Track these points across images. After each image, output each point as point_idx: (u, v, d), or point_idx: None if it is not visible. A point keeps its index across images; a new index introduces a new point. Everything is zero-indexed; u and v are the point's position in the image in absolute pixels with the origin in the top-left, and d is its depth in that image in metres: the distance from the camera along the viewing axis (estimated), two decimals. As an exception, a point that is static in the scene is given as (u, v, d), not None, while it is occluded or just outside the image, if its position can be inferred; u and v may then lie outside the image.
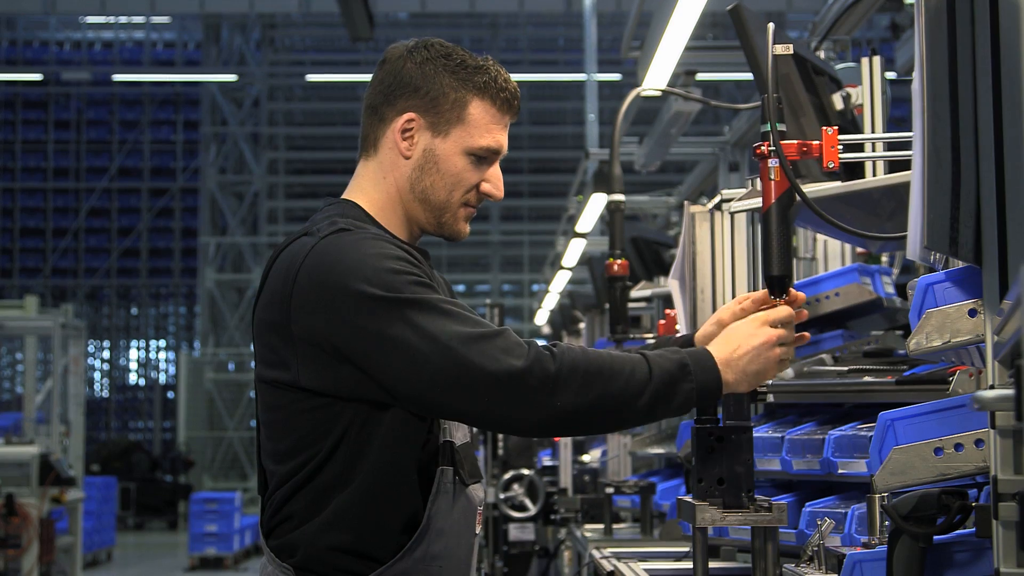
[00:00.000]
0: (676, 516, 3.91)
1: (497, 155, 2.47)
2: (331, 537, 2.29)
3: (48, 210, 28.58)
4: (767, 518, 2.40)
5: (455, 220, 2.47)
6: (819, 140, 2.72)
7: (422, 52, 2.45)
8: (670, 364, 2.24)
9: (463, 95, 2.43)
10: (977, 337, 1.91)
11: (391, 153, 2.46)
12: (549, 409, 2.19)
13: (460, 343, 2.19)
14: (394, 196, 2.46)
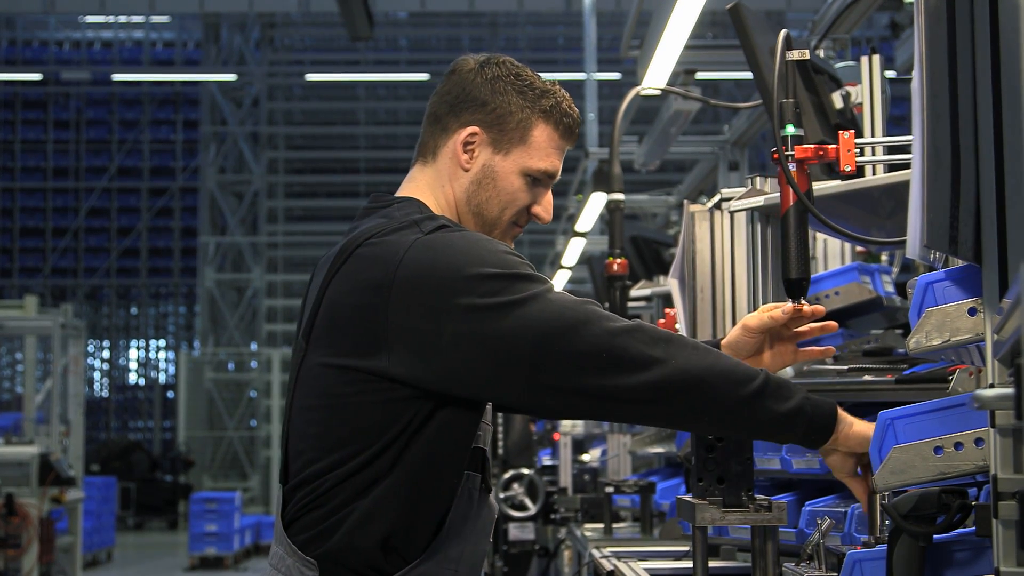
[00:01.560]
0: (676, 515, 3.91)
1: (552, 179, 2.51)
2: (366, 531, 2.27)
3: (48, 210, 28.58)
4: (767, 517, 2.40)
5: (503, 238, 2.50)
6: (821, 139, 2.72)
7: (493, 68, 2.49)
8: (785, 384, 2.27)
9: (528, 116, 2.47)
10: (977, 336, 1.91)
11: (450, 163, 2.48)
12: (664, 368, 2.21)
13: (608, 336, 2.23)
14: (450, 205, 2.49)
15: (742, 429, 2.30)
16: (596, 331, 2.21)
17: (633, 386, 2.20)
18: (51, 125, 28.78)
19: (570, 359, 2.21)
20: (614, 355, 2.21)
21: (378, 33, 22.20)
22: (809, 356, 2.58)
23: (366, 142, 27.22)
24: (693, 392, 2.23)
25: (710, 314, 3.87)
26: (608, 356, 2.21)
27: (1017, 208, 1.67)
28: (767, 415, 2.24)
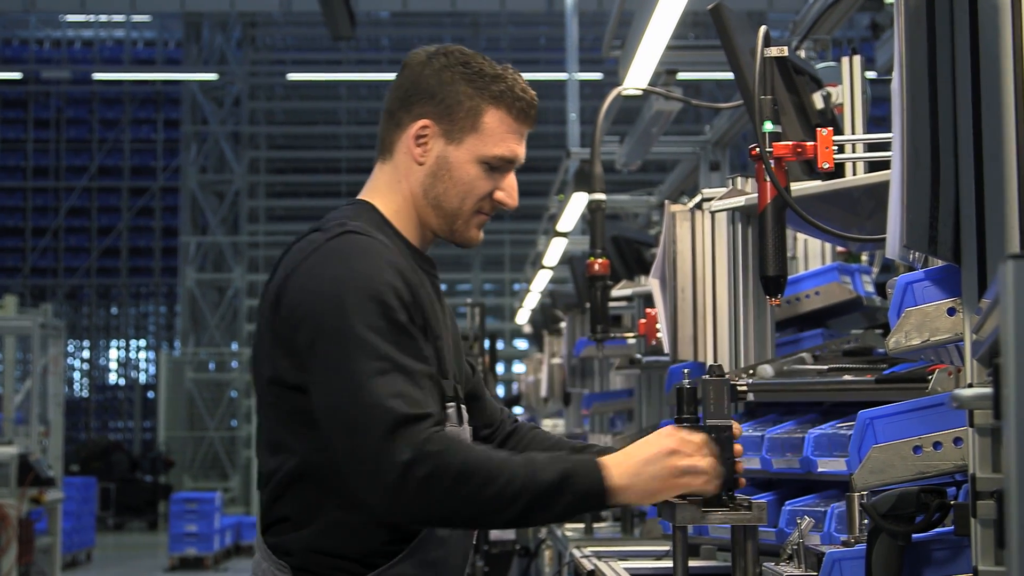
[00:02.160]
0: (656, 515, 3.91)
1: (512, 164, 2.49)
2: (331, 535, 2.29)
3: (28, 209, 28.47)
4: (747, 517, 2.40)
5: (467, 227, 2.49)
6: (802, 139, 2.73)
7: (441, 59, 2.46)
8: (552, 475, 2.22)
9: (478, 103, 2.44)
10: (956, 336, 1.92)
11: (406, 158, 2.47)
12: (408, 509, 2.18)
13: (367, 408, 2.19)
14: (408, 201, 2.48)
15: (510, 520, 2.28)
16: (363, 442, 2.20)
17: (379, 512, 2.23)
18: (31, 124, 28.67)
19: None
20: (360, 477, 2.21)
21: (360, 33, 22.17)
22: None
23: (348, 142, 27.18)
24: (441, 525, 2.29)
25: (691, 314, 3.88)
26: (354, 476, 2.22)
27: (996, 209, 1.68)
28: (539, 523, 2.33)
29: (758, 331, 3.39)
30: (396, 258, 2.33)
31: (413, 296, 2.31)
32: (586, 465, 2.26)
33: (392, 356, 2.21)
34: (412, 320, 2.28)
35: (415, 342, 2.27)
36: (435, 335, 2.37)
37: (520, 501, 2.19)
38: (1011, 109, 1.65)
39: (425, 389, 2.24)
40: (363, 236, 2.34)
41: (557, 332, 8.80)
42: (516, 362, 25.16)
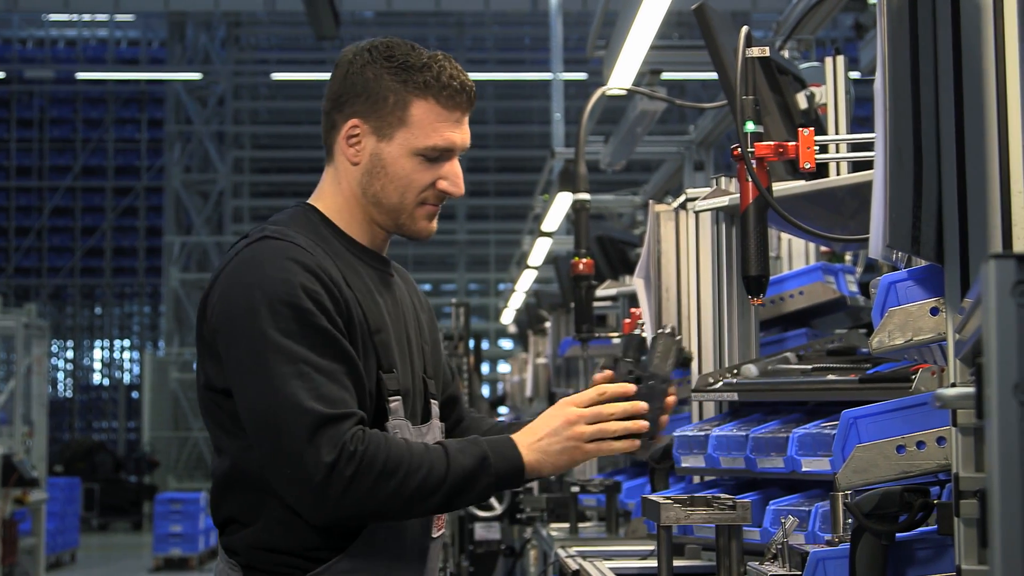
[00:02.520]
0: (641, 515, 3.91)
1: (451, 152, 2.45)
2: (270, 536, 2.31)
3: (11, 209, 28.37)
4: (731, 516, 2.40)
5: (413, 221, 2.47)
6: (785, 139, 2.73)
7: (365, 55, 2.44)
8: (470, 460, 2.28)
9: (404, 96, 2.41)
10: (939, 335, 1.92)
11: (342, 159, 2.47)
12: (335, 509, 2.22)
13: (290, 410, 2.21)
14: (351, 200, 2.47)
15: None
16: (286, 446, 2.22)
17: (307, 515, 2.26)
18: (14, 124, 28.57)
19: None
20: (287, 479, 2.24)
21: (344, 32, 22.11)
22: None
23: (332, 141, 27.14)
24: (370, 520, 2.32)
25: (675, 313, 3.88)
26: (282, 478, 2.25)
27: (978, 209, 1.69)
28: (460, 507, 2.36)
29: (742, 331, 3.39)
30: (313, 260, 2.33)
31: (334, 296, 2.31)
32: (501, 446, 2.31)
33: (308, 358, 2.24)
34: (331, 320, 2.29)
35: (334, 342, 2.28)
36: (373, 329, 2.37)
37: (443, 489, 2.25)
38: (993, 109, 1.65)
39: (346, 388, 2.26)
40: (279, 241, 2.34)
41: (542, 332, 8.80)
42: (501, 362, 25.17)
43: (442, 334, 7.09)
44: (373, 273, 2.47)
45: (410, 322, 2.55)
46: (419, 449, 2.27)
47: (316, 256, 2.34)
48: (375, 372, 2.37)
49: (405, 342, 2.49)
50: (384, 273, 2.52)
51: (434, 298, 27.60)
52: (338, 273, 2.36)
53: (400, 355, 2.45)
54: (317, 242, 2.40)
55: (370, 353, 2.36)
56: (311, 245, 2.37)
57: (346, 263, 2.42)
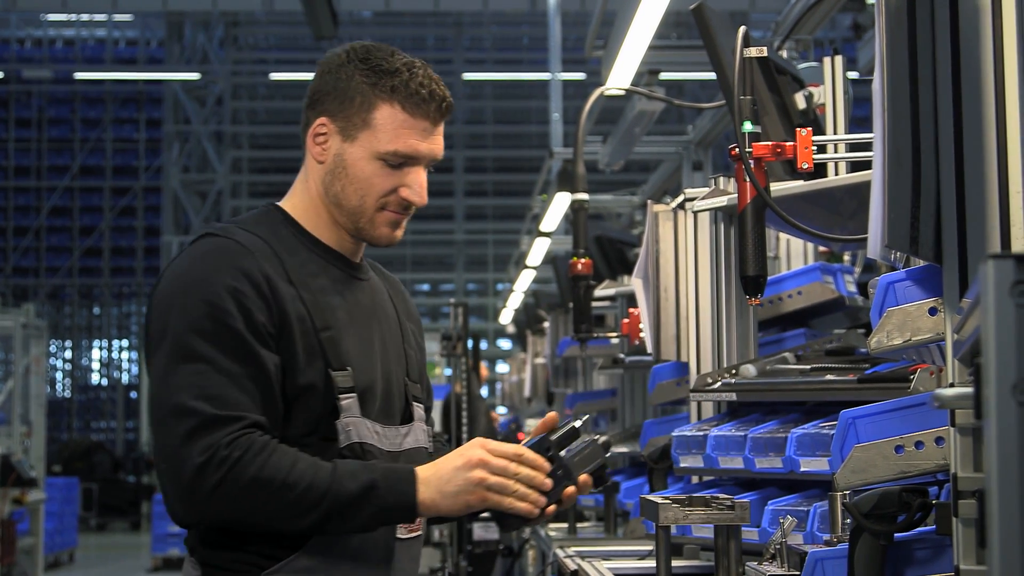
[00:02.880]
0: (640, 515, 3.91)
1: (415, 161, 2.42)
2: (224, 534, 2.30)
3: (9, 209, 28.35)
4: (730, 516, 2.40)
5: (372, 226, 2.45)
6: (784, 139, 2.73)
7: (341, 56, 2.44)
8: (356, 486, 2.23)
9: (370, 98, 2.40)
10: (937, 335, 1.92)
11: (311, 157, 2.47)
12: (202, 511, 2.22)
13: (174, 409, 2.22)
14: (316, 200, 2.47)
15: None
16: (165, 443, 2.24)
17: (178, 518, 2.27)
18: (12, 123, 28.55)
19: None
20: (167, 478, 2.25)
21: (342, 32, 22.12)
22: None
23: (330, 141, 27.13)
24: (239, 528, 2.28)
25: (674, 314, 3.89)
26: (164, 475, 2.25)
27: (976, 209, 1.69)
28: (340, 532, 2.29)
29: (741, 331, 3.39)
30: (248, 258, 2.32)
31: (263, 295, 2.30)
32: (397, 477, 2.27)
33: (213, 357, 2.24)
34: (250, 322, 2.27)
35: (243, 344, 2.26)
36: (319, 327, 2.34)
37: (319, 509, 2.21)
38: (991, 109, 1.65)
39: (245, 392, 2.24)
40: (220, 238, 2.36)
41: (540, 332, 8.80)
42: (500, 362, 25.17)
43: (440, 334, 7.09)
44: (337, 274, 2.46)
45: (385, 324, 2.53)
46: (304, 466, 2.23)
47: (254, 255, 2.34)
48: (323, 369, 2.34)
49: (372, 342, 2.46)
50: (351, 275, 2.50)
51: (432, 298, 27.61)
52: (280, 271, 2.35)
53: (360, 354, 2.41)
54: (270, 240, 2.39)
55: (315, 351, 2.34)
56: (257, 243, 2.36)
57: (301, 261, 2.41)
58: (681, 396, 3.89)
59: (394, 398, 2.49)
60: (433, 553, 7.21)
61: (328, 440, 2.34)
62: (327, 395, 2.34)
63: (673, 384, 3.91)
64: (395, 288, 2.69)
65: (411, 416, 2.52)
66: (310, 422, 2.34)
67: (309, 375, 2.33)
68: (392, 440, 2.44)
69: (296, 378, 2.32)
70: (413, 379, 2.56)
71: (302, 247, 2.44)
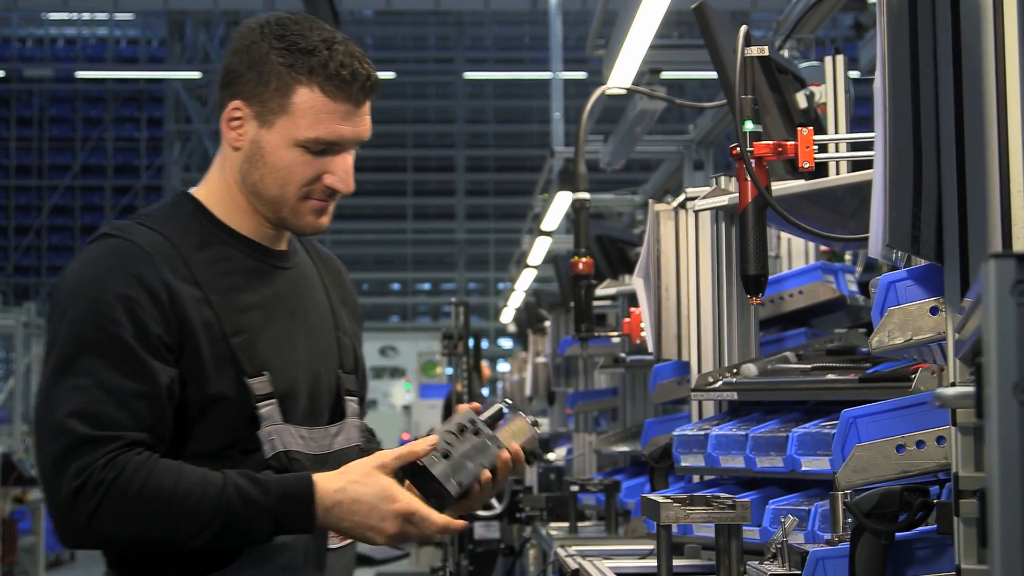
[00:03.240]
0: (641, 514, 3.91)
1: (339, 146, 2.26)
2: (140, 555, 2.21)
3: (10, 208, 28.37)
4: (731, 516, 2.40)
5: (296, 215, 2.28)
6: (785, 139, 2.73)
7: (256, 32, 2.26)
8: (250, 503, 2.11)
9: (288, 82, 2.22)
10: (939, 335, 1.92)
11: (226, 142, 2.31)
12: (83, 536, 2.10)
13: (50, 427, 2.10)
14: (232, 187, 2.31)
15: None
16: (43, 461, 2.12)
17: (64, 540, 2.14)
18: (14, 122, 28.57)
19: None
20: (49, 500, 2.13)
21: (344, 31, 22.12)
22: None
23: (332, 140, 27.13)
24: (128, 551, 2.18)
25: (675, 313, 3.88)
26: (46, 493, 2.13)
27: (978, 208, 1.69)
28: (237, 546, 2.17)
29: (742, 330, 3.39)
30: (145, 263, 2.17)
31: (159, 302, 2.15)
32: (295, 501, 2.14)
33: (95, 371, 2.10)
34: (141, 332, 2.13)
35: (131, 357, 2.12)
36: (228, 333, 2.20)
37: (210, 529, 2.10)
38: (993, 108, 1.65)
39: (127, 408, 2.10)
40: (117, 239, 2.21)
41: (541, 331, 8.79)
42: (501, 361, 25.18)
43: (441, 333, 7.09)
44: (253, 265, 2.30)
45: (313, 314, 2.38)
46: (189, 484, 2.10)
47: (153, 258, 2.18)
48: (235, 377, 2.20)
49: (295, 338, 2.32)
50: (270, 265, 2.34)
51: (434, 297, 27.62)
52: (184, 273, 2.20)
53: (280, 355, 2.27)
54: (175, 237, 2.24)
55: (225, 358, 2.19)
56: (157, 243, 2.21)
57: (212, 257, 2.25)
58: (682, 395, 3.89)
59: (322, 396, 2.35)
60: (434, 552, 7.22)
61: (249, 452, 2.21)
62: (242, 404, 2.20)
63: (674, 383, 3.90)
64: (331, 270, 2.52)
65: (343, 413, 2.39)
66: (226, 434, 2.20)
67: (219, 384, 2.18)
68: (321, 442, 2.31)
69: (204, 388, 2.18)
70: (347, 370, 2.42)
71: (215, 240, 2.28)
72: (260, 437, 2.22)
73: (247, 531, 2.13)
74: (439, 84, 27.74)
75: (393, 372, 23.49)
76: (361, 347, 2.54)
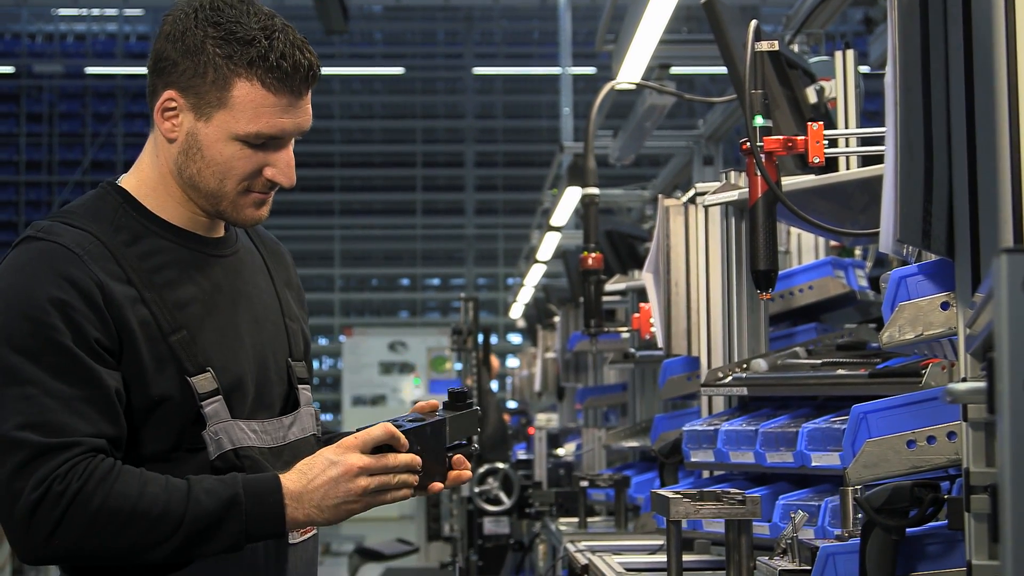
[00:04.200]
0: (650, 509, 3.91)
1: (280, 140, 2.17)
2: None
3: (20, 203, 28.41)
4: (741, 511, 2.40)
5: (236, 209, 2.20)
6: (795, 134, 2.73)
7: (190, 18, 2.14)
8: (215, 503, 2.04)
9: (225, 74, 2.12)
10: (950, 330, 1.92)
11: (159, 133, 2.22)
12: (44, 550, 2.00)
13: (1, 442, 2.00)
14: (167, 177, 2.23)
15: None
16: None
17: (21, 556, 2.04)
18: (24, 118, 28.60)
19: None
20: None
21: (353, 27, 22.14)
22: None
23: (340, 136, 27.15)
24: (91, 563, 2.10)
25: (684, 308, 3.88)
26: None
27: (989, 203, 1.68)
28: (204, 555, 2.08)
29: (752, 325, 3.39)
30: (76, 265, 2.08)
31: (94, 304, 2.07)
32: (261, 489, 2.07)
33: (39, 379, 2.01)
34: (79, 335, 2.04)
35: (74, 362, 2.03)
36: (166, 331, 2.12)
37: (177, 536, 2.02)
38: (1004, 102, 1.65)
39: (78, 414, 2.02)
40: (42, 242, 2.11)
41: (551, 326, 8.80)
42: (510, 356, 25.18)
43: (450, 328, 7.08)
44: (189, 257, 2.22)
45: (258, 301, 2.30)
46: (155, 489, 2.03)
47: (82, 259, 2.09)
48: (177, 376, 2.11)
49: (238, 329, 2.24)
50: (207, 255, 2.25)
51: (442, 292, 27.62)
52: (117, 272, 2.12)
53: (223, 348, 2.19)
54: (104, 234, 2.15)
55: (166, 357, 2.11)
56: (86, 242, 2.12)
57: (144, 251, 2.17)
58: (692, 391, 3.89)
59: (272, 386, 2.27)
60: (444, 547, 7.22)
61: (196, 451, 2.14)
62: (186, 404, 2.12)
63: (684, 379, 3.90)
64: (272, 253, 2.44)
65: (296, 402, 2.30)
66: (172, 435, 2.13)
67: (162, 385, 2.11)
68: (274, 434, 2.24)
69: (147, 390, 2.10)
70: (296, 357, 2.34)
71: (146, 233, 2.19)
72: (205, 437, 2.14)
73: (216, 535, 2.05)
74: (448, 79, 27.73)
75: (402, 367, 23.49)
76: (308, 330, 2.46)
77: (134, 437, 2.12)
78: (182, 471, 2.10)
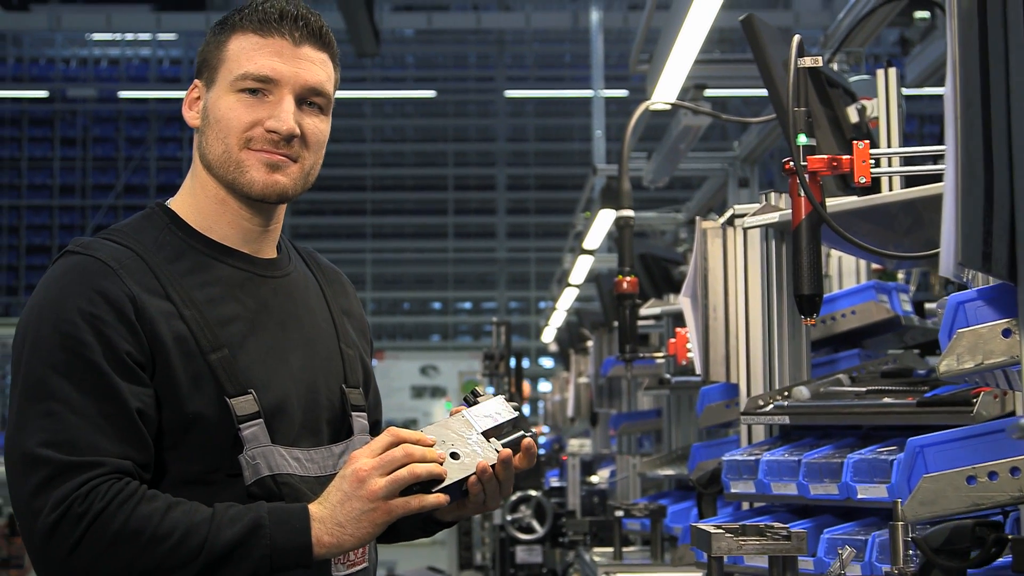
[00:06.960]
0: (689, 542, 3.81)
1: (276, 85, 2.18)
2: None
3: (54, 227, 28.58)
4: (785, 547, 2.30)
5: (242, 172, 2.18)
6: (837, 154, 2.63)
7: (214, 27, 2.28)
8: (238, 528, 1.98)
9: (221, 38, 2.21)
10: (1012, 359, 1.81)
11: (194, 132, 2.27)
12: (63, 569, 1.97)
13: (23, 459, 1.98)
14: (199, 185, 2.25)
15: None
16: (17, 492, 2.01)
17: (42, 571, 2.03)
18: (58, 142, 28.78)
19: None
20: (25, 532, 2.01)
21: (384, 50, 22.19)
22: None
23: (372, 159, 27.19)
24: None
25: (723, 333, 3.78)
26: (22, 528, 2.01)
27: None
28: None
29: (793, 351, 3.29)
30: (111, 279, 2.07)
31: (127, 319, 2.04)
32: (287, 515, 2.01)
33: (66, 395, 1.99)
34: (110, 351, 2.02)
35: (101, 379, 2.01)
36: (205, 350, 2.08)
37: (197, 561, 1.96)
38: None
39: (103, 433, 1.99)
40: (79, 256, 2.11)
41: (583, 351, 8.72)
42: (542, 380, 25.09)
43: (482, 352, 7.02)
44: (236, 275, 2.19)
45: (310, 324, 2.25)
46: (177, 514, 1.99)
47: (117, 273, 2.08)
48: (215, 396, 2.07)
49: (285, 351, 2.19)
50: (255, 274, 2.22)
51: (474, 316, 27.58)
52: (155, 286, 2.09)
53: (267, 368, 2.14)
54: (144, 251, 2.14)
55: (204, 375, 2.08)
56: (124, 257, 2.11)
57: (187, 268, 2.15)
58: (731, 418, 3.78)
59: (320, 411, 2.21)
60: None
61: (236, 476, 2.09)
62: (223, 425, 2.07)
63: (722, 406, 3.80)
64: (331, 281, 2.40)
65: (349, 431, 2.24)
66: (209, 457, 2.08)
67: (197, 404, 2.06)
68: (322, 463, 2.17)
69: (181, 407, 2.06)
70: (352, 384, 2.28)
71: (190, 250, 2.18)
72: (241, 461, 2.08)
73: (239, 561, 1.99)
74: (480, 102, 27.75)
75: (434, 391, 23.47)
76: (368, 361, 2.39)
77: (168, 456, 2.08)
78: (221, 497, 2.06)
